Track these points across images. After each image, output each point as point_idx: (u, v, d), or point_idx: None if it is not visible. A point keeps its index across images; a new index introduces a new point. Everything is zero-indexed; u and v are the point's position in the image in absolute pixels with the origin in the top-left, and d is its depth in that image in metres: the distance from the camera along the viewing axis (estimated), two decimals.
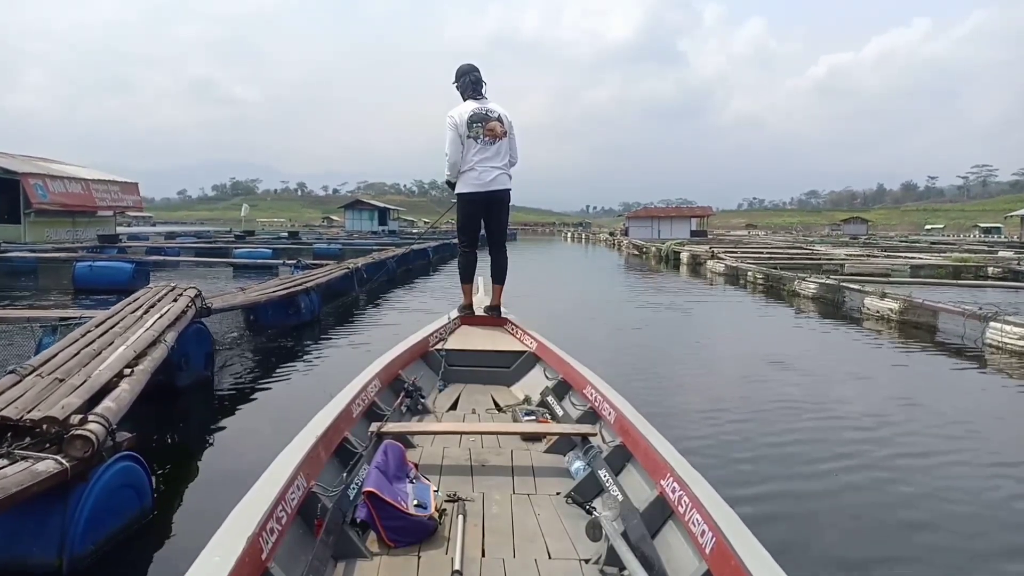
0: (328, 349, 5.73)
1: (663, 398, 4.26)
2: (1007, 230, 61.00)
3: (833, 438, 3.52)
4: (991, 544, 2.38)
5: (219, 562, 1.18)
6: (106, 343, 3.04)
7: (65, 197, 20.07)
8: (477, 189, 3.90)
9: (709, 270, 15.63)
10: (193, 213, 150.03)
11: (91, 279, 9.66)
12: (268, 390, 4.34)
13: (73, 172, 21.37)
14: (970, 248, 24.21)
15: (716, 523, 1.42)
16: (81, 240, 19.64)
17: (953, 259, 16.08)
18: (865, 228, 68.55)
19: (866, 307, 7.90)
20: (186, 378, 4.10)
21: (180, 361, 4.04)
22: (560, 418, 2.68)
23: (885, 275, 13.49)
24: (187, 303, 4.03)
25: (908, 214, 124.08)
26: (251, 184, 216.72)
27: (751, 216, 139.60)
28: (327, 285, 8.02)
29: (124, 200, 23.47)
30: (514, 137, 4.00)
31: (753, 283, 12.20)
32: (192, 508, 2.53)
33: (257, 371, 4.87)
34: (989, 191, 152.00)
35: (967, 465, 3.16)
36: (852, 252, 19.60)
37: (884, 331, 7.09)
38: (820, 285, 9.45)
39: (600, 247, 38.60)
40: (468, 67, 3.98)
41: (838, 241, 36.03)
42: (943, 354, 5.96)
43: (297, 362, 5.15)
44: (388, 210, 51.24)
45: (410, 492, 1.78)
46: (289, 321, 6.47)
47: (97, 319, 3.51)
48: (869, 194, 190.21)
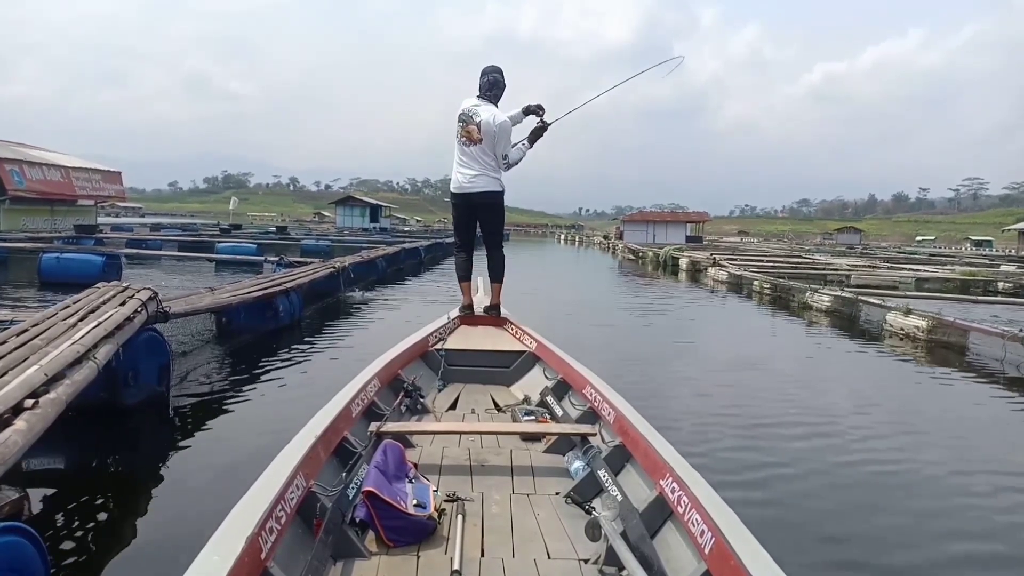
0: (308, 358, 5.12)
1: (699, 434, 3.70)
2: (998, 244, 61.36)
3: (901, 482, 2.98)
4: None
5: (218, 561, 1.16)
6: (19, 359, 2.44)
7: (43, 184, 19.25)
8: (455, 190, 3.99)
9: (711, 278, 15.12)
10: (184, 205, 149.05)
11: (58, 272, 9.00)
12: (233, 410, 3.73)
13: (52, 159, 20.51)
14: (970, 262, 23.92)
15: (715, 523, 1.40)
16: (60, 230, 18.88)
17: (960, 273, 15.67)
18: (858, 238, 68.61)
19: (889, 324, 7.38)
20: (134, 395, 3.49)
21: (127, 375, 3.45)
22: (559, 418, 2.66)
23: (892, 288, 13.08)
24: (136, 307, 3.42)
25: (899, 225, 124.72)
26: (243, 178, 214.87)
27: (743, 223, 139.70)
28: (310, 285, 7.41)
29: (106, 189, 22.62)
30: (501, 143, 3.85)
31: (760, 293, 11.67)
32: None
33: (224, 385, 4.25)
34: (980, 204, 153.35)
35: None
36: (854, 263, 19.17)
37: (910, 351, 6.59)
38: (835, 298, 8.94)
39: (594, 250, 38.12)
40: (490, 68, 3.97)
41: (835, 251, 35.75)
42: (984, 380, 5.45)
43: (271, 373, 4.54)
44: (380, 207, 50.68)
45: (409, 492, 1.76)
46: (266, 325, 5.86)
47: (18, 327, 2.90)
48: (860, 204, 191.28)
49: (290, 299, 6.31)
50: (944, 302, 9.34)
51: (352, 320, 7.36)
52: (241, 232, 24.73)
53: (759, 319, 9.40)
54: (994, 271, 17.59)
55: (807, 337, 7.74)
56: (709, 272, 15.66)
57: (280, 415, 3.59)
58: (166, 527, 2.33)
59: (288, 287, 6.37)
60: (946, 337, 6.67)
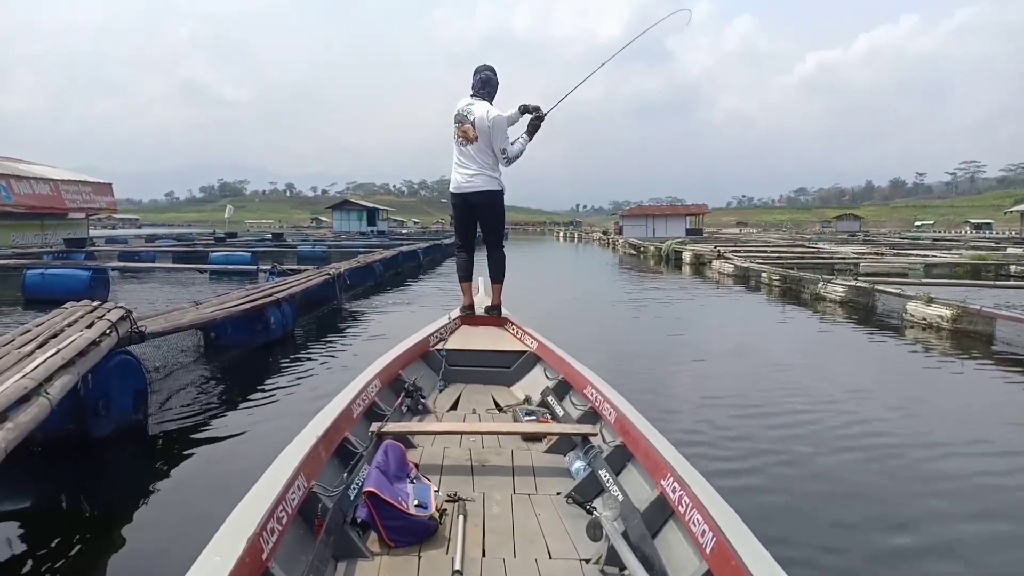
0: (300, 373, 4.79)
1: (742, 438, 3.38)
2: (998, 226, 61.05)
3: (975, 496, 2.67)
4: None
5: (219, 562, 1.15)
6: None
7: (32, 199, 18.89)
8: (454, 190, 4.01)
9: (717, 271, 14.79)
10: (181, 215, 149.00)
11: (43, 289, 8.66)
12: (217, 436, 3.41)
13: (41, 172, 20.14)
14: (975, 245, 23.61)
15: (716, 523, 1.39)
16: (51, 244, 18.54)
17: (970, 258, 15.35)
18: (858, 225, 68.35)
19: (910, 313, 7.07)
20: (106, 426, 3.18)
21: (97, 404, 3.14)
22: (560, 418, 2.65)
23: (902, 275, 12.79)
24: (105, 329, 3.11)
25: (897, 210, 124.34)
26: (239, 185, 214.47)
27: (741, 214, 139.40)
28: (304, 294, 7.09)
29: (97, 201, 22.25)
30: (497, 138, 3.86)
31: (769, 285, 11.34)
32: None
33: (208, 408, 3.91)
34: (977, 187, 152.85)
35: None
36: (861, 251, 18.85)
37: (935, 341, 6.27)
38: (849, 288, 8.61)
39: (593, 246, 37.80)
40: (482, 67, 4.03)
41: (837, 239, 35.44)
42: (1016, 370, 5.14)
43: (259, 393, 4.22)
44: (377, 210, 50.36)
45: (410, 492, 1.76)
46: (256, 339, 5.54)
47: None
48: (858, 191, 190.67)
49: (282, 310, 5.98)
50: (960, 288, 9.00)
51: (348, 330, 7.01)
52: (236, 240, 24.39)
53: (771, 312, 9.07)
54: (1003, 255, 17.25)
55: (824, 330, 7.41)
56: (714, 265, 15.33)
57: (265, 439, 3.28)
58: (141, 571, 2.11)
59: (280, 297, 6.04)
60: (972, 326, 6.35)
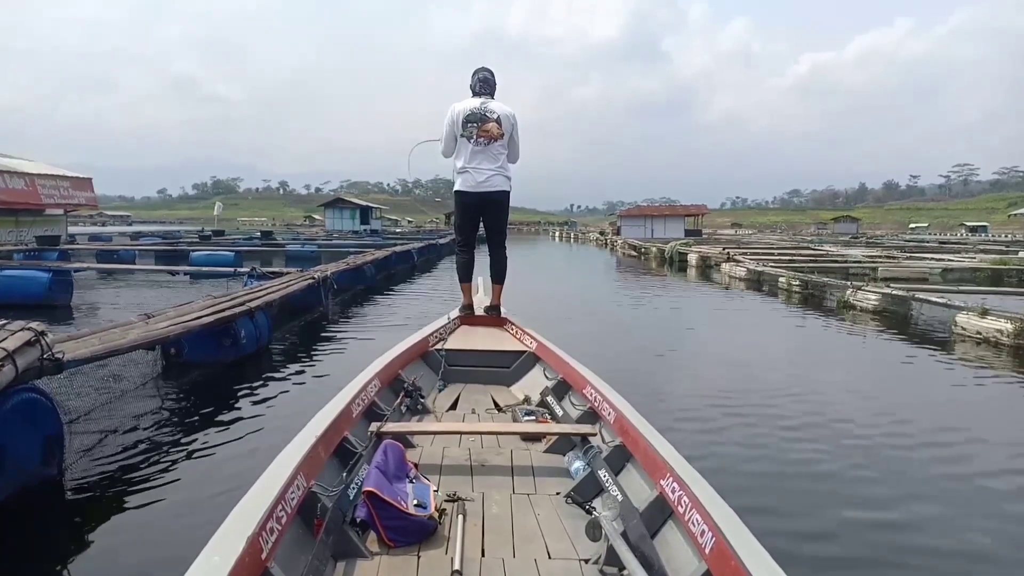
0: (272, 401, 4.03)
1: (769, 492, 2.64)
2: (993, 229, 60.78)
3: None
4: None
5: (219, 562, 1.15)
6: None
7: (5, 194, 17.86)
8: (470, 189, 3.91)
9: (726, 275, 14.06)
10: (173, 212, 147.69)
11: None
12: (158, 491, 2.64)
13: (15, 166, 19.10)
14: (985, 249, 23.04)
15: (716, 523, 1.38)
16: (26, 242, 17.62)
17: (990, 263, 14.71)
18: (856, 227, 67.94)
19: (961, 327, 6.36)
20: (1, 488, 2.41)
21: None
22: (560, 418, 2.64)
23: (923, 280, 12.17)
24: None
25: (892, 213, 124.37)
26: (232, 183, 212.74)
27: (736, 215, 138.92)
28: (283, 301, 6.31)
29: (76, 197, 21.22)
30: (517, 137, 3.97)
31: (787, 291, 10.61)
32: None
33: (153, 452, 3.14)
34: (970, 190, 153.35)
35: None
36: (870, 253, 18.20)
37: (995, 360, 5.56)
38: (883, 296, 7.90)
39: (590, 247, 37.07)
40: (479, 69, 4.03)
41: (839, 240, 34.86)
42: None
43: (215, 427, 3.45)
44: (370, 208, 49.54)
45: (410, 492, 1.74)
46: (224, 356, 4.76)
47: None
48: (851, 193, 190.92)
49: (255, 321, 5.20)
50: (995, 296, 8.30)
51: (333, 343, 6.17)
52: (223, 238, 23.48)
53: (795, 321, 8.32)
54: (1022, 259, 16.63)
55: (862, 344, 6.69)
56: (723, 268, 14.60)
57: (219, 488, 2.55)
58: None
59: (253, 306, 5.26)
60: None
